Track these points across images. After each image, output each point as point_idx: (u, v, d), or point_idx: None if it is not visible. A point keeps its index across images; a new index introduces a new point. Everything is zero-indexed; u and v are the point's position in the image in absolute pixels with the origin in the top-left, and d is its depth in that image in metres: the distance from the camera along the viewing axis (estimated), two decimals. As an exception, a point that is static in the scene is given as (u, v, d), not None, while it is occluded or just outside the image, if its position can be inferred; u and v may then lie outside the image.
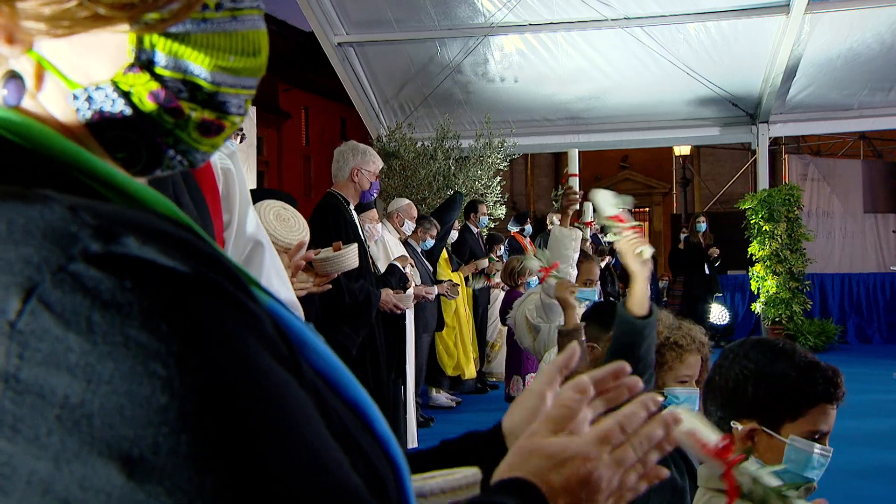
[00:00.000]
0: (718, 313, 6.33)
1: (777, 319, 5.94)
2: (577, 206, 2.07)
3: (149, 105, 0.34)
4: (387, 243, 3.57)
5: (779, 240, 5.94)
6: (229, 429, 0.26)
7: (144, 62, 0.34)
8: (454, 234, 4.65)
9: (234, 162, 1.06)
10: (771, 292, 5.97)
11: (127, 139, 0.35)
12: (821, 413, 0.90)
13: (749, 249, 6.05)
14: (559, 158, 14.22)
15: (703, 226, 6.47)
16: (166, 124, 0.35)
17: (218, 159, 1.03)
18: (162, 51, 0.34)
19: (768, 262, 5.99)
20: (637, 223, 1.21)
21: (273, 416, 0.27)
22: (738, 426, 0.93)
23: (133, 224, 0.29)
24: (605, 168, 14.51)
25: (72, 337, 0.25)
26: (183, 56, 0.34)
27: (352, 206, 2.46)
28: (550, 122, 6.44)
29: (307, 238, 1.42)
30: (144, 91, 0.34)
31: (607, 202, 1.20)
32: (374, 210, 3.04)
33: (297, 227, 1.42)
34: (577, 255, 2.05)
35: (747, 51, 5.44)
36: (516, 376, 2.99)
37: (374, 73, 6.10)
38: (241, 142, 1.51)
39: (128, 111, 0.34)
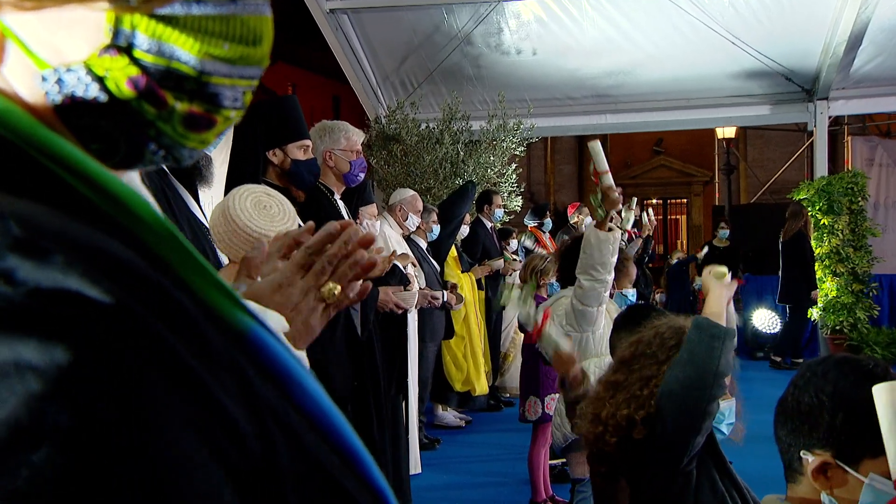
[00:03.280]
0: (766, 319, 6.25)
1: (838, 328, 5.87)
2: (620, 207, 2.05)
3: (127, 92, 0.34)
4: (388, 240, 3.56)
5: (840, 235, 5.87)
6: (83, 475, 0.26)
7: (123, 45, 0.33)
8: (464, 230, 4.64)
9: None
10: (830, 296, 5.90)
11: (102, 129, 0.35)
12: None
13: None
14: (584, 143, 14.16)
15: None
16: (147, 115, 0.35)
17: None
18: (144, 33, 0.33)
19: (827, 262, 5.92)
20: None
21: (140, 477, 0.27)
22: (808, 457, 0.90)
23: (66, 240, 0.29)
24: (636, 153, 14.44)
25: None
26: (168, 40, 0.33)
27: (337, 196, 2.44)
28: (574, 101, 6.40)
29: (295, 227, 1.40)
30: (122, 77, 0.34)
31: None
32: (374, 205, 3.04)
33: (280, 215, 1.39)
34: (615, 260, 2.06)
35: (804, 16, 5.37)
36: (533, 397, 2.97)
37: (372, 45, 6.09)
38: None
39: (103, 98, 0.34)
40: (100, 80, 0.34)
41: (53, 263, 0.28)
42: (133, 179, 0.43)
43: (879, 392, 0.81)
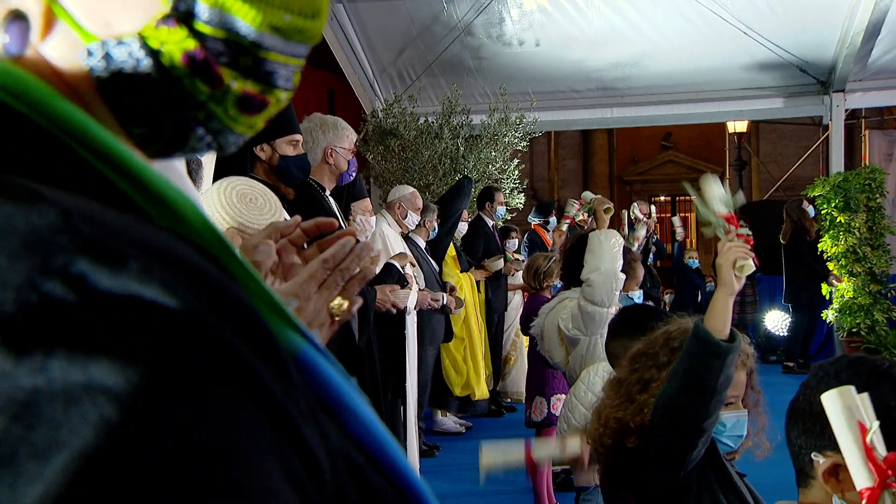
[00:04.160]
0: (778, 321, 6.24)
1: (854, 330, 5.86)
2: (611, 206, 2.28)
3: (181, 68, 0.32)
4: (387, 238, 3.55)
5: (856, 234, 5.85)
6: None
7: (182, 14, 0.31)
8: (463, 227, 4.63)
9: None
10: (847, 297, 5.89)
11: (149, 111, 0.33)
12: None
13: (819, 245, 5.97)
14: (588, 137, 14.15)
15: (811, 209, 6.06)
16: (199, 95, 0.33)
17: None
18: (205, 1, 0.32)
19: (843, 261, 5.91)
20: (747, 232, 1.25)
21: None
22: (819, 459, 0.91)
23: (137, 241, 0.27)
24: (644, 148, 14.45)
25: (22, 372, 0.24)
26: (230, 10, 0.32)
27: (328, 193, 2.43)
28: (578, 94, 6.39)
29: (283, 218, 1.40)
30: (178, 51, 0.32)
31: (718, 197, 1.23)
32: (367, 199, 3.02)
33: (267, 206, 1.40)
34: (620, 260, 2.13)
35: (819, 4, 5.36)
36: (539, 397, 2.98)
37: (369, 35, 6.08)
38: None
39: (155, 75, 0.32)
40: (154, 55, 0.32)
41: (129, 269, 0.26)
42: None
43: (830, 399, 0.82)
